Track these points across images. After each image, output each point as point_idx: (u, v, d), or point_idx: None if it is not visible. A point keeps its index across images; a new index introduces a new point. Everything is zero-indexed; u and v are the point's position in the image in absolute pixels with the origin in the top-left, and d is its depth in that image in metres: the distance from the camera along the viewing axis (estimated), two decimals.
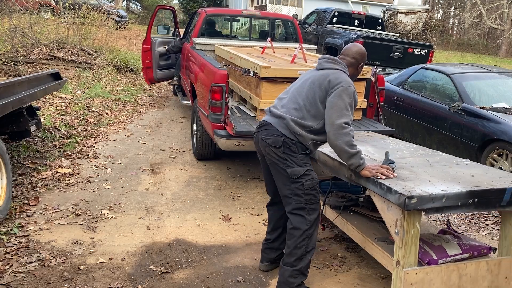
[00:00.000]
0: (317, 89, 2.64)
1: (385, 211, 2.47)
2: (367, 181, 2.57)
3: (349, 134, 2.51)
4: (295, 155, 2.63)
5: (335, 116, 2.52)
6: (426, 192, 2.28)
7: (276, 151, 2.65)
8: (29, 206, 3.81)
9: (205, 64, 4.86)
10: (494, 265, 2.53)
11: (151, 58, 7.54)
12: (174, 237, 3.46)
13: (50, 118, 6.45)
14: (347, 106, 2.55)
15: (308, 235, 2.65)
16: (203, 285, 2.84)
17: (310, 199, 2.65)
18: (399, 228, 2.35)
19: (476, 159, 4.83)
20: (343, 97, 2.55)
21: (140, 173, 4.81)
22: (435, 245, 2.65)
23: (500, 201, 2.41)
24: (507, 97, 5.39)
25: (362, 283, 2.97)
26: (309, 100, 2.66)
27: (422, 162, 2.92)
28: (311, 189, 2.64)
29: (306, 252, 2.66)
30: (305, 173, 2.63)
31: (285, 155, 2.63)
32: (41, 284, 2.73)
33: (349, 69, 2.78)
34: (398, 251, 2.39)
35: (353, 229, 3.04)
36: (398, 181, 2.45)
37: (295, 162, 2.62)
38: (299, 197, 2.64)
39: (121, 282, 2.81)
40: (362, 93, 4.67)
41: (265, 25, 8.05)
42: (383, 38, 10.15)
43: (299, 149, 2.64)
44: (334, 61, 2.75)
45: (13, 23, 9.87)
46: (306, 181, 2.62)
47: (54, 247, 3.19)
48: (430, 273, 2.41)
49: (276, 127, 2.68)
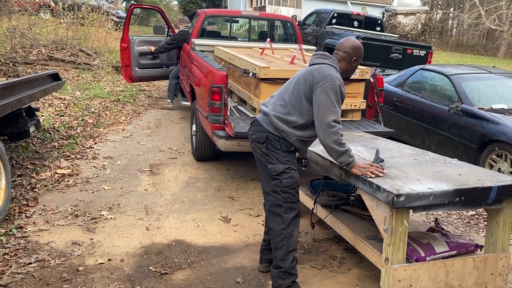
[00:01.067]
0: (302, 84, 2.63)
1: (374, 209, 2.51)
2: (357, 179, 2.60)
3: (337, 132, 2.50)
4: (277, 151, 2.64)
5: (322, 115, 2.51)
6: (414, 190, 2.31)
7: (260, 147, 2.68)
8: (28, 207, 3.80)
9: (204, 65, 4.87)
10: (480, 262, 2.56)
11: (129, 56, 7.62)
12: (173, 238, 3.46)
13: (49, 119, 6.45)
14: (334, 102, 2.52)
15: (286, 234, 2.64)
16: (202, 286, 2.84)
17: (288, 197, 2.64)
18: (387, 226, 2.38)
19: (475, 160, 4.84)
20: (329, 94, 2.51)
21: (139, 174, 4.81)
22: (423, 242, 2.68)
23: (486, 199, 2.46)
24: (506, 98, 5.40)
25: (361, 284, 2.97)
26: (294, 96, 2.65)
27: (411, 162, 2.95)
28: (289, 187, 2.63)
29: (287, 252, 2.65)
30: (284, 171, 2.63)
31: (268, 151, 2.65)
32: (40, 285, 2.72)
33: (341, 64, 2.73)
34: (387, 248, 2.42)
35: (344, 228, 3.06)
36: (387, 179, 2.49)
37: (277, 158, 2.64)
38: (277, 194, 2.64)
39: (120, 283, 2.81)
40: (362, 94, 4.68)
41: (264, 26, 8.07)
42: (382, 39, 10.16)
43: (283, 146, 2.65)
44: (323, 56, 2.71)
45: (12, 23, 9.88)
46: (285, 178, 2.62)
47: (53, 248, 3.18)
48: (418, 270, 2.45)
49: (261, 124, 2.71)
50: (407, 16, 19.09)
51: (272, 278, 2.72)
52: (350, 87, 4.52)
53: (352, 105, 4.61)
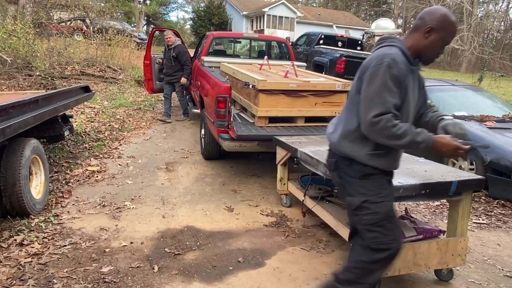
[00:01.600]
0: (355, 81, 1.90)
1: None
2: None
3: (385, 127, 1.70)
4: (351, 180, 1.87)
5: (362, 114, 1.77)
6: None
7: (332, 176, 2.00)
8: (63, 198, 3.81)
9: (212, 78, 4.88)
10: (443, 245, 2.56)
11: (151, 71, 7.67)
12: (185, 224, 3.46)
13: (81, 124, 6.46)
14: (378, 90, 1.71)
15: (365, 268, 1.86)
16: (209, 264, 2.84)
17: (375, 237, 1.82)
18: None
19: (440, 158, 4.83)
20: (373, 81, 1.73)
21: (157, 170, 4.81)
22: None
23: (448, 191, 2.47)
24: (467, 106, 5.40)
25: (343, 263, 2.96)
26: (350, 98, 1.93)
27: None
28: (373, 225, 1.81)
29: (355, 282, 1.87)
30: (362, 205, 1.82)
31: (341, 180, 1.92)
32: (73, 264, 2.73)
33: (411, 37, 1.84)
34: None
35: (328, 216, 3.06)
36: None
37: (354, 189, 1.86)
38: (361, 233, 1.86)
39: (140, 262, 2.82)
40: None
41: (263, 46, 8.06)
42: (362, 57, 10.15)
43: (357, 172, 1.85)
44: (383, 39, 1.90)
45: (50, 44, 9.91)
46: (365, 215, 1.82)
47: (84, 233, 3.19)
48: None
49: (331, 147, 2.00)
50: None
51: (326, 283, 2.04)
52: (336, 97, 4.52)
53: (336, 113, 4.60)
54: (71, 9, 12.48)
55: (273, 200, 4.10)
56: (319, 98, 4.46)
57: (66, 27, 13.29)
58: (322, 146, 3.37)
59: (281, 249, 3.12)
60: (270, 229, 3.45)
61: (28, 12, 10.68)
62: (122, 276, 2.63)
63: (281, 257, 2.99)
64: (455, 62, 30.62)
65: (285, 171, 3.86)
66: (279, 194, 4.03)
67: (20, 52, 8.50)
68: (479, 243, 3.44)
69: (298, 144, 3.42)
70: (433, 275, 2.79)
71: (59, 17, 13.09)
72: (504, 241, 3.52)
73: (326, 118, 4.66)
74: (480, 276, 2.88)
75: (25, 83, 8.27)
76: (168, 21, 37.28)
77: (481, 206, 4.27)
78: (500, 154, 4.25)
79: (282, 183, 3.88)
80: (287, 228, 3.48)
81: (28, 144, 3.36)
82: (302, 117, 4.50)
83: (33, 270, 2.63)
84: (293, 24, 28.25)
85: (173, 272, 2.71)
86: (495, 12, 32.49)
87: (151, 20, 35.13)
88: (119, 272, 2.67)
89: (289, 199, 3.96)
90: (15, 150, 3.23)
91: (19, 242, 2.93)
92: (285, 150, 3.60)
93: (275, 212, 3.81)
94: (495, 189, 4.29)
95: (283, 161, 3.75)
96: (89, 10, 13.14)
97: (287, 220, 3.65)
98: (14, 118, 3.12)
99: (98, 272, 2.65)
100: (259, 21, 28.40)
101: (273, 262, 2.91)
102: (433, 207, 4.27)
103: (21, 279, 2.52)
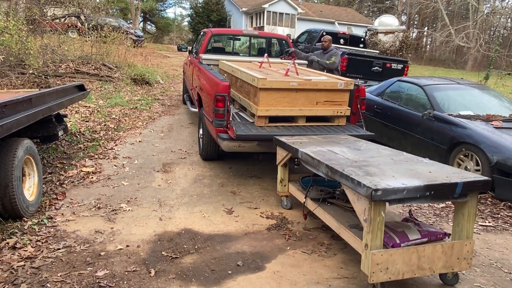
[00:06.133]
0: None
1: (356, 202, 2.51)
2: (341, 176, 2.60)
3: None
4: None
5: None
6: (390, 185, 2.33)
7: None
8: (57, 200, 3.81)
9: (210, 77, 4.88)
10: (448, 248, 2.57)
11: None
12: (183, 227, 3.46)
13: (76, 124, 6.45)
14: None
15: None
16: (207, 268, 2.84)
17: None
18: (367, 216, 2.39)
19: (445, 159, 4.84)
20: None
21: (154, 171, 4.81)
22: (398, 231, 2.69)
23: (453, 193, 2.47)
24: (472, 105, 5.41)
25: (345, 266, 2.97)
26: None
27: (388, 161, 2.96)
28: None
29: None
30: None
31: None
32: (67, 268, 2.73)
33: None
34: (366, 236, 2.43)
35: (330, 218, 3.06)
36: (366, 176, 2.50)
37: None
38: None
39: (137, 266, 2.82)
40: (347, 102, 4.68)
41: (263, 43, 8.06)
42: (365, 55, 10.18)
43: None
44: None
45: (44, 42, 9.89)
46: None
47: (78, 235, 3.19)
48: (394, 255, 2.46)
49: None
50: (386, 34, 19.12)
51: None
52: (336, 95, 4.53)
53: (338, 112, 4.62)
54: (66, 5, 12.42)
55: (273, 202, 4.10)
56: (321, 97, 4.46)
57: (60, 24, 13.28)
58: (324, 146, 3.37)
59: (281, 252, 3.12)
60: (270, 232, 3.46)
61: (21, 9, 10.68)
62: (118, 280, 2.63)
63: (282, 261, 2.99)
64: (461, 60, 30.66)
65: (285, 172, 3.86)
66: (279, 196, 4.03)
67: (12, 50, 8.48)
68: (485, 246, 3.45)
69: (299, 144, 3.42)
70: (438, 279, 2.79)
71: (53, 14, 13.05)
72: (511, 244, 3.52)
73: (328, 117, 4.67)
74: (486, 280, 2.88)
75: (18, 82, 8.26)
76: (165, 17, 37.30)
77: (487, 208, 4.27)
78: (506, 154, 4.25)
79: (283, 184, 3.88)
80: (287, 230, 3.49)
81: (21, 145, 3.36)
82: (303, 116, 4.50)
83: (26, 274, 2.62)
84: (293, 21, 28.26)
85: (170, 276, 2.71)
86: (501, 8, 32.51)
87: (148, 17, 35.15)
88: (114, 276, 2.66)
89: (289, 201, 3.96)
90: (7, 150, 3.22)
91: (12, 245, 2.93)
92: (285, 150, 3.60)
93: (275, 214, 3.81)
94: (502, 190, 4.30)
95: (284, 162, 3.75)
96: (84, 6, 13.11)
97: (288, 222, 3.65)
98: (6, 117, 3.11)
99: (93, 276, 2.64)
100: (259, 17, 28.41)
101: (273, 266, 2.91)
102: (438, 209, 4.27)
103: (14, 284, 2.52)
